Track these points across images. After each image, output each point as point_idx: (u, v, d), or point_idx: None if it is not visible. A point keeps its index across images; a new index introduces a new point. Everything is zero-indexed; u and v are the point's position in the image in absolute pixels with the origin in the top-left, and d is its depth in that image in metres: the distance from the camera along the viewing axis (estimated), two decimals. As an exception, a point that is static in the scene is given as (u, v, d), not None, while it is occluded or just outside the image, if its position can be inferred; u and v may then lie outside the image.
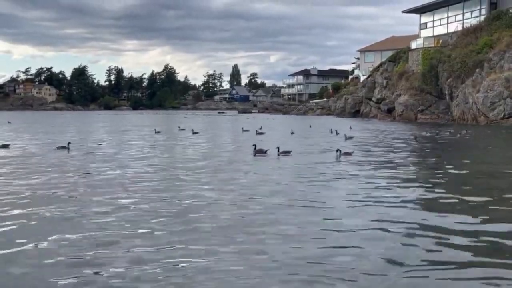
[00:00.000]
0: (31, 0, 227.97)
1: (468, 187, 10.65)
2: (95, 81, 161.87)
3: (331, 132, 28.82)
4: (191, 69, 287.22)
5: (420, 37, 55.17)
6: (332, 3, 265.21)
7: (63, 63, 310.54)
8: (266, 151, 17.01)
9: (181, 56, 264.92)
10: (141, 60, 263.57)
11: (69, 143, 19.26)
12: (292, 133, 29.56)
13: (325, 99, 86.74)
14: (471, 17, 48.86)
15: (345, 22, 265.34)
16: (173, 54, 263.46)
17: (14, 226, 7.04)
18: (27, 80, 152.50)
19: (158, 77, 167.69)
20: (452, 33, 49.85)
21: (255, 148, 17.37)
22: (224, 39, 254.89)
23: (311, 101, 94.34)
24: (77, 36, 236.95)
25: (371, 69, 68.64)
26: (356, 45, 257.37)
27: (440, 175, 12.29)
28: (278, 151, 16.70)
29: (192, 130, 30.85)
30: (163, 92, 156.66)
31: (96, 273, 5.10)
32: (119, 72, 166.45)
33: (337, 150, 16.48)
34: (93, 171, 12.96)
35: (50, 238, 6.35)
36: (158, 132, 30.87)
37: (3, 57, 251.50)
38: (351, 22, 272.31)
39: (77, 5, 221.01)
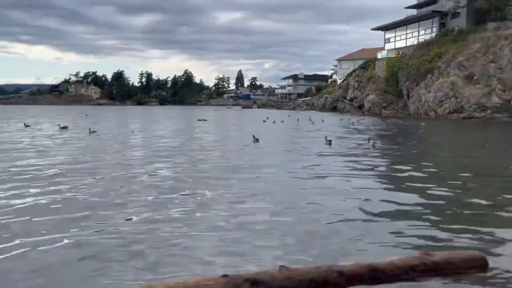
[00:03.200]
0: (75, 18, 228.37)
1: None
2: (130, 83, 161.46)
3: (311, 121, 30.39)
4: (205, 73, 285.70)
5: (384, 49, 54.95)
6: (312, 22, 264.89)
7: (102, 68, 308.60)
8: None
9: (196, 63, 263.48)
10: (163, 66, 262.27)
11: (93, 131, 20.03)
12: (264, 121, 31.52)
13: (310, 97, 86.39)
14: (425, 34, 48.60)
15: (323, 36, 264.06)
16: (189, 61, 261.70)
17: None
18: (77, 81, 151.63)
19: (179, 79, 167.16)
20: (410, 46, 49.61)
21: (254, 137, 17.30)
22: (228, 49, 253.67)
23: (299, 99, 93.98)
24: (113, 46, 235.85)
25: (346, 74, 68.26)
26: (332, 55, 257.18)
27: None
28: (254, 137, 16.55)
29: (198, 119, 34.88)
30: (183, 91, 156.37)
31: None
32: (149, 75, 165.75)
33: (326, 139, 16.02)
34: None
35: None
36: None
37: (56, 63, 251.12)
38: (328, 37, 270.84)
39: (111, 22, 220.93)
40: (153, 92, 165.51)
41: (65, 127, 22.37)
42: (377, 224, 5.11)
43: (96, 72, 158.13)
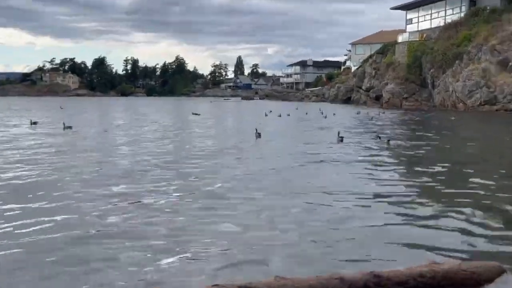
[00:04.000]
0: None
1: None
2: (113, 71, 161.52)
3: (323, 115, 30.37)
4: (199, 60, 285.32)
5: (406, 32, 54.94)
6: (322, 0, 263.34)
7: (81, 54, 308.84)
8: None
9: (189, 48, 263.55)
10: (151, 52, 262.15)
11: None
12: (266, 115, 32.06)
13: (319, 87, 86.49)
14: (453, 13, 48.62)
15: (334, 17, 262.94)
16: (181, 46, 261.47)
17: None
18: (52, 69, 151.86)
19: (169, 67, 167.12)
20: (435, 28, 49.62)
21: (256, 131, 17.51)
22: (225, 32, 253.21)
23: (307, 90, 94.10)
24: (92, 29, 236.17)
25: (361, 61, 68.29)
26: (345, 39, 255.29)
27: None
28: (256, 131, 17.15)
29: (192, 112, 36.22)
30: (174, 80, 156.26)
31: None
32: (134, 62, 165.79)
33: (338, 135, 15.98)
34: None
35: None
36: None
37: (27, 48, 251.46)
38: (340, 18, 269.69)
39: (90, 1, 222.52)
40: (139, 81, 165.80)
41: (35, 123, 22.63)
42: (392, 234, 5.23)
43: (74, 58, 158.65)
